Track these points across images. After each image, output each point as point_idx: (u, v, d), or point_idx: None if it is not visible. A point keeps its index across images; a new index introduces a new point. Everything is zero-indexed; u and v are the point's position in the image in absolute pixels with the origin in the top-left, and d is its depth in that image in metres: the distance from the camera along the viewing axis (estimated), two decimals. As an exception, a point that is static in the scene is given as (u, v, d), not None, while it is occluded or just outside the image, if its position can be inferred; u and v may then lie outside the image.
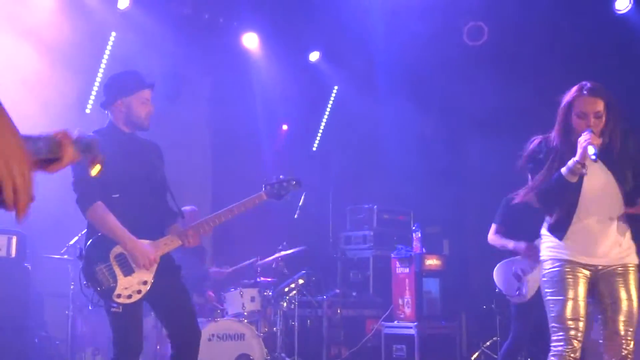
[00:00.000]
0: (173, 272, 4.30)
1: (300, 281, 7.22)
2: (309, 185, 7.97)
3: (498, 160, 8.34)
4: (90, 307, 6.03)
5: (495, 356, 9.59)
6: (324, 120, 10.48)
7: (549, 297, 4.05)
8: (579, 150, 3.88)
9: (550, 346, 4.03)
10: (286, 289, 7.20)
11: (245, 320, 6.55)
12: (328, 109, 10.47)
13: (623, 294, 3.99)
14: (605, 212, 4.05)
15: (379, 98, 9.70)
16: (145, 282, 4.11)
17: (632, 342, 3.95)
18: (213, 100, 9.44)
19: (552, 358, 3.98)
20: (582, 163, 3.89)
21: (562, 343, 3.94)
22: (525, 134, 4.38)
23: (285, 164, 9.23)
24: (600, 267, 4.03)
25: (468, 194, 10.19)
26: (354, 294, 8.57)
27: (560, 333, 3.96)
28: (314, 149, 10.48)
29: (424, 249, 7.84)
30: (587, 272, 4.01)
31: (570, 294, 3.97)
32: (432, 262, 7.87)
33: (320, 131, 10.49)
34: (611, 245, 4.05)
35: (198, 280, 7.15)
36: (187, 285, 4.40)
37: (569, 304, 3.96)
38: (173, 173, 4.63)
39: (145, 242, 4.14)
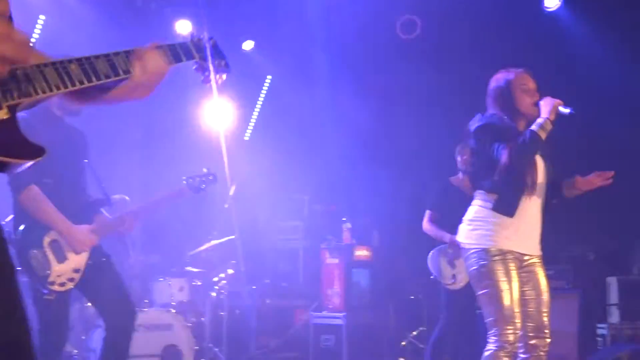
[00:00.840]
0: (103, 258, 4.24)
1: (230, 271, 7.18)
2: (241, 175, 7.96)
3: (431, 151, 8.48)
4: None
5: (422, 345, 9.72)
6: (257, 109, 10.44)
7: (488, 290, 3.98)
8: (547, 108, 3.93)
9: (487, 339, 3.98)
10: (215, 279, 7.16)
11: (173, 311, 6.48)
12: (261, 98, 10.43)
13: (544, 287, 4.08)
14: (540, 199, 4.11)
15: (313, 88, 9.70)
16: (77, 270, 4.06)
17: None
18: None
19: (494, 352, 3.93)
20: (552, 120, 3.93)
21: (503, 338, 3.91)
22: (457, 125, 4.42)
23: (217, 153, 9.15)
24: (526, 258, 4.07)
25: (399, 185, 10.28)
26: (284, 284, 8.58)
27: (501, 327, 3.92)
28: (246, 138, 10.43)
29: (354, 240, 7.88)
30: (518, 262, 4.02)
31: (507, 285, 3.94)
32: (361, 253, 7.93)
33: (253, 120, 10.44)
34: (538, 235, 4.13)
35: (124, 269, 7.07)
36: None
37: (508, 297, 3.93)
38: (101, 160, 4.56)
39: (83, 226, 4.09)
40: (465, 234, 4.14)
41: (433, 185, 6.55)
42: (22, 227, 4.03)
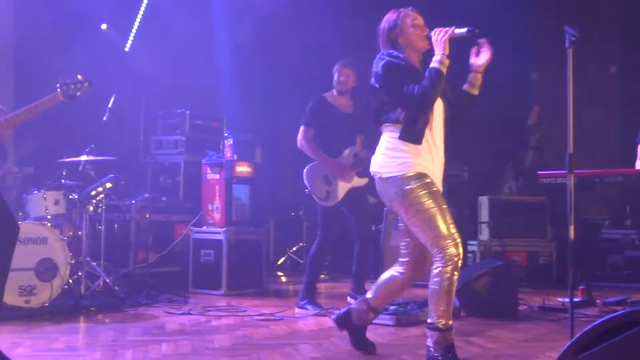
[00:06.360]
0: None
1: (108, 185, 7.04)
2: (120, 87, 7.75)
3: (315, 70, 8.49)
4: None
5: (301, 261, 9.94)
6: (138, 19, 10.11)
7: (418, 213, 4.06)
8: (440, 45, 4.12)
9: (433, 259, 4.10)
10: (93, 193, 7.00)
11: (49, 224, 6.35)
12: (142, 8, 10.10)
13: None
14: (439, 130, 4.24)
15: (196, 2, 9.48)
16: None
17: None
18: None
19: (442, 269, 4.04)
20: (447, 54, 4.12)
21: (447, 253, 4.02)
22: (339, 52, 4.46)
23: (95, 63, 8.87)
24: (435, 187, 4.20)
25: (281, 103, 10.29)
26: (164, 199, 8.50)
27: (442, 244, 4.03)
28: (127, 49, 10.13)
29: (235, 156, 7.86)
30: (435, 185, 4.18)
31: (434, 204, 4.05)
32: (242, 169, 7.92)
33: (134, 31, 10.13)
34: (442, 166, 4.29)
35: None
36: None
37: (438, 214, 4.04)
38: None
39: None
40: (382, 163, 4.22)
41: (310, 101, 6.57)
42: None
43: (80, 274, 6.67)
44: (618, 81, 10.41)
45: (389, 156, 4.20)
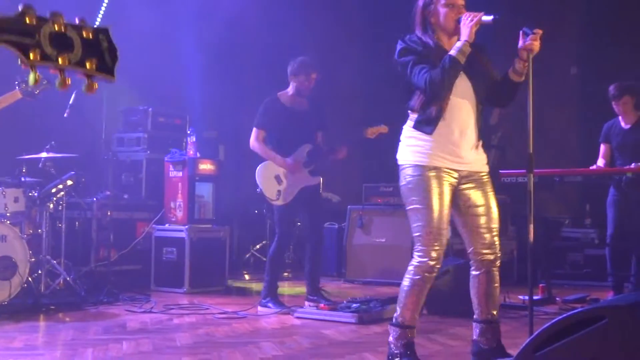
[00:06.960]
0: None
1: (69, 182, 6.96)
2: (82, 83, 7.66)
3: (277, 67, 8.49)
4: None
5: (264, 259, 9.92)
6: (100, 14, 10.01)
7: (415, 205, 3.97)
8: (465, 30, 3.89)
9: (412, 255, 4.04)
10: (53, 190, 6.92)
11: (8, 222, 6.26)
12: (105, 3, 10.01)
13: (491, 202, 4.08)
14: (465, 116, 4.04)
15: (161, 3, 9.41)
16: None
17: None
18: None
19: (416, 268, 4.00)
20: (470, 42, 3.91)
21: (427, 254, 3.95)
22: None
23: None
24: (465, 174, 4.05)
25: (245, 100, 10.25)
26: (126, 196, 8.43)
27: (426, 243, 3.95)
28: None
29: (198, 154, 7.83)
30: (452, 179, 4.01)
31: (436, 201, 3.93)
32: (206, 166, 7.89)
33: (96, 26, 10.01)
34: (471, 151, 4.07)
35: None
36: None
37: (436, 213, 3.92)
38: None
39: None
40: (400, 152, 4.12)
41: (263, 102, 6.57)
42: None
43: (40, 272, 6.59)
44: (579, 82, 10.53)
45: (405, 144, 4.09)
